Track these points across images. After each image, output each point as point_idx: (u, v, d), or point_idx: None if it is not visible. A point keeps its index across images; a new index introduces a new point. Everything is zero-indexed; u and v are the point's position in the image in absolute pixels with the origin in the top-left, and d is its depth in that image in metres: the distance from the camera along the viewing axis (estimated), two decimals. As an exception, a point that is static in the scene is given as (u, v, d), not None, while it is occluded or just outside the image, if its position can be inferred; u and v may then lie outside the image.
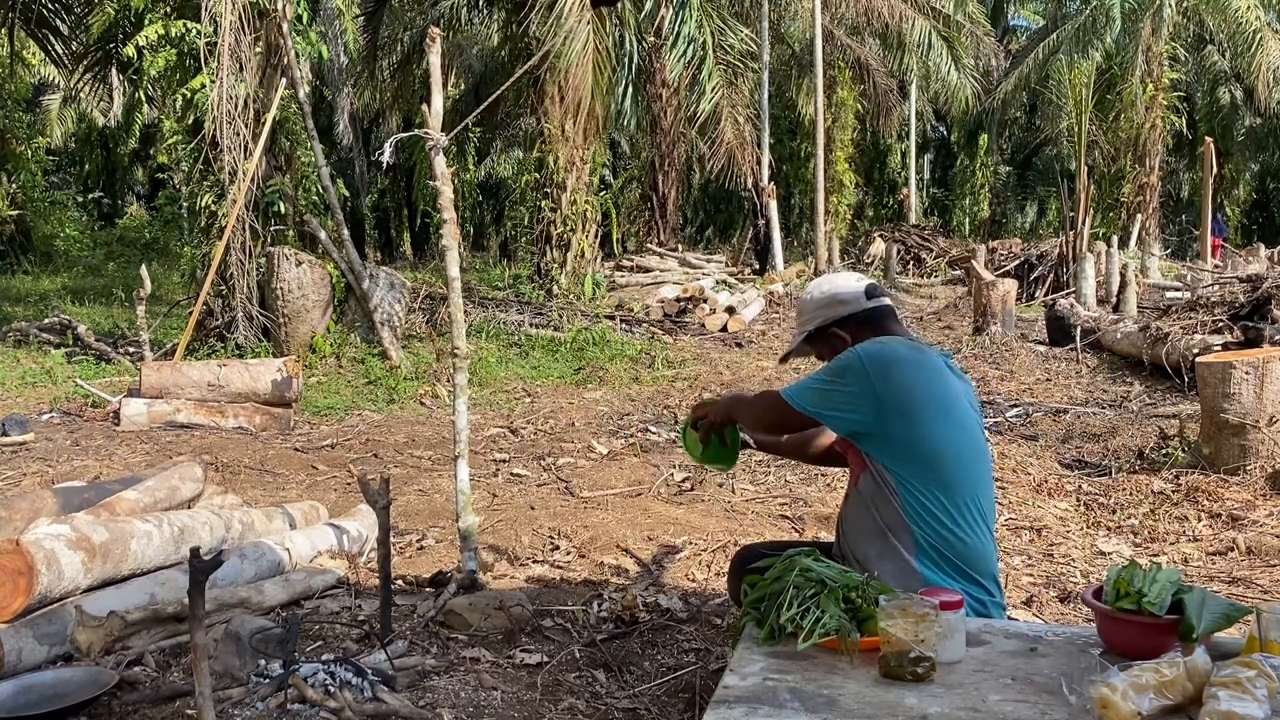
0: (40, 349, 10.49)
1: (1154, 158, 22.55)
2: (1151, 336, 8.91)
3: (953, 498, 2.41)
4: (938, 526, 2.40)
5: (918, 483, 2.40)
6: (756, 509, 5.28)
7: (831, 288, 2.72)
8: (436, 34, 4.21)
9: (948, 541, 2.41)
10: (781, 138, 23.85)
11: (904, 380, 2.42)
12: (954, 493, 2.42)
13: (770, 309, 14.38)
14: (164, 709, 2.94)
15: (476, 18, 19.21)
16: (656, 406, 8.24)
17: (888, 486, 2.44)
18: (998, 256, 17.44)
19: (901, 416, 2.39)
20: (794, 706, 1.70)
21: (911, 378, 2.43)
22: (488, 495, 5.62)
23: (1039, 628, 2.13)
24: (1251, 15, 21.91)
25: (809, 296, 2.74)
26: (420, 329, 10.99)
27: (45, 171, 22.85)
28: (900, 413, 2.39)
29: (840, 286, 2.71)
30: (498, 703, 3.03)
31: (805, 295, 2.77)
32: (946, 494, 2.41)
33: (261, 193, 9.69)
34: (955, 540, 2.41)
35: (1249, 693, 1.55)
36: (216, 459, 6.38)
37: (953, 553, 2.41)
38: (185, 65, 9.63)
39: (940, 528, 2.40)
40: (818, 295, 2.72)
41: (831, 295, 2.70)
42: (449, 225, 4.11)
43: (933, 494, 2.40)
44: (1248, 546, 4.47)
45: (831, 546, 2.70)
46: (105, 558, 3.41)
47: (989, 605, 2.44)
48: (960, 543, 2.42)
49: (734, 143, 14.87)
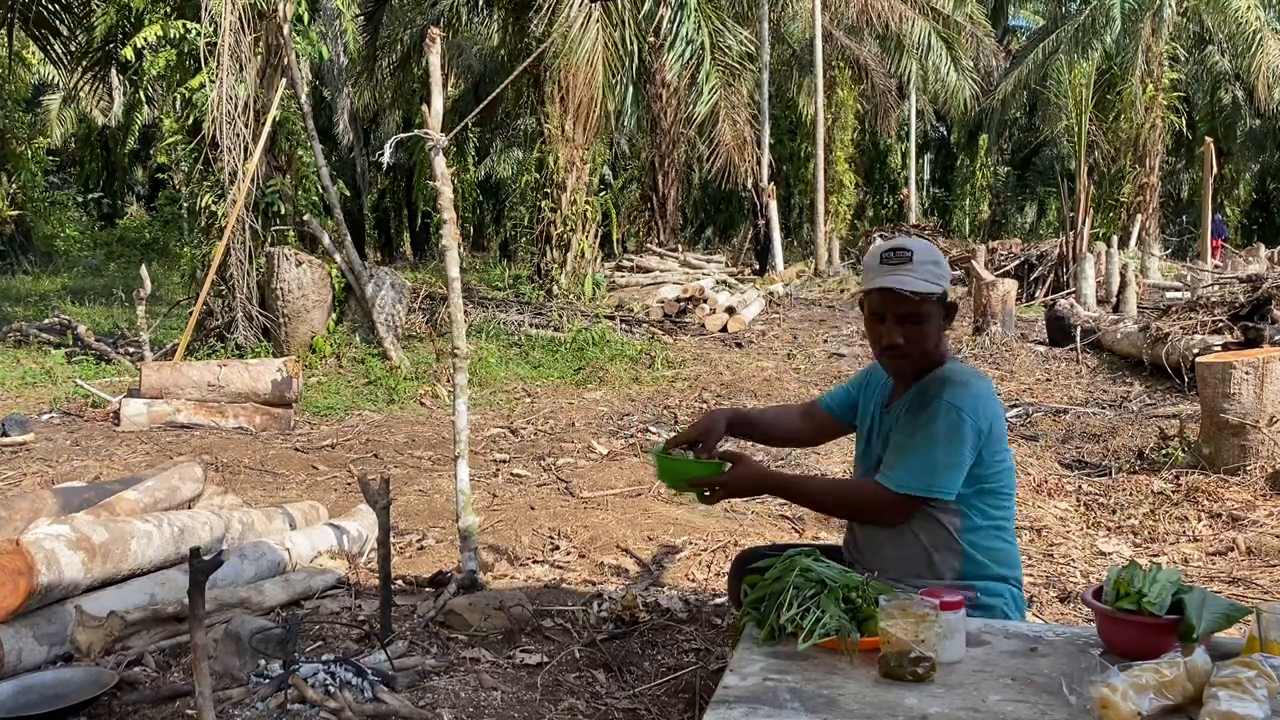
0: (40, 349, 10.49)
1: (1154, 158, 22.54)
2: (1151, 336, 8.91)
3: (1004, 506, 2.44)
4: (991, 539, 2.41)
5: (979, 500, 2.39)
6: (756, 509, 5.28)
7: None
8: (437, 34, 4.21)
9: (995, 550, 2.41)
10: (781, 138, 23.86)
11: (996, 422, 2.39)
12: (1007, 500, 2.45)
13: (770, 309, 14.38)
14: (164, 709, 2.94)
15: (476, 18, 19.19)
16: (656, 407, 8.24)
17: (945, 510, 2.38)
18: (998, 256, 17.44)
19: (990, 452, 2.38)
20: (794, 706, 1.70)
21: (996, 413, 2.40)
22: (488, 495, 5.62)
23: (1039, 628, 2.12)
24: (1251, 15, 21.91)
25: (934, 256, 2.41)
26: (420, 329, 10.99)
27: (45, 171, 22.86)
28: (989, 449, 2.38)
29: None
30: (498, 703, 3.02)
31: (926, 250, 2.40)
32: (1001, 505, 2.43)
33: (261, 193, 9.69)
34: (1004, 547, 2.44)
35: (1249, 693, 1.55)
36: (216, 459, 6.38)
37: (999, 560, 2.42)
38: (185, 65, 9.63)
39: (992, 539, 2.41)
40: (940, 258, 2.44)
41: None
42: (449, 225, 4.12)
43: (991, 508, 2.41)
44: (1248, 546, 4.47)
45: (837, 552, 2.64)
46: (105, 558, 3.41)
47: (1020, 601, 2.48)
48: (1009, 547, 2.46)
49: (732, 143, 14.86)
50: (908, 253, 2.38)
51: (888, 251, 2.42)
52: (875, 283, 2.38)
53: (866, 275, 2.45)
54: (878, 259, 2.41)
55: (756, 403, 8.20)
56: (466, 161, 23.06)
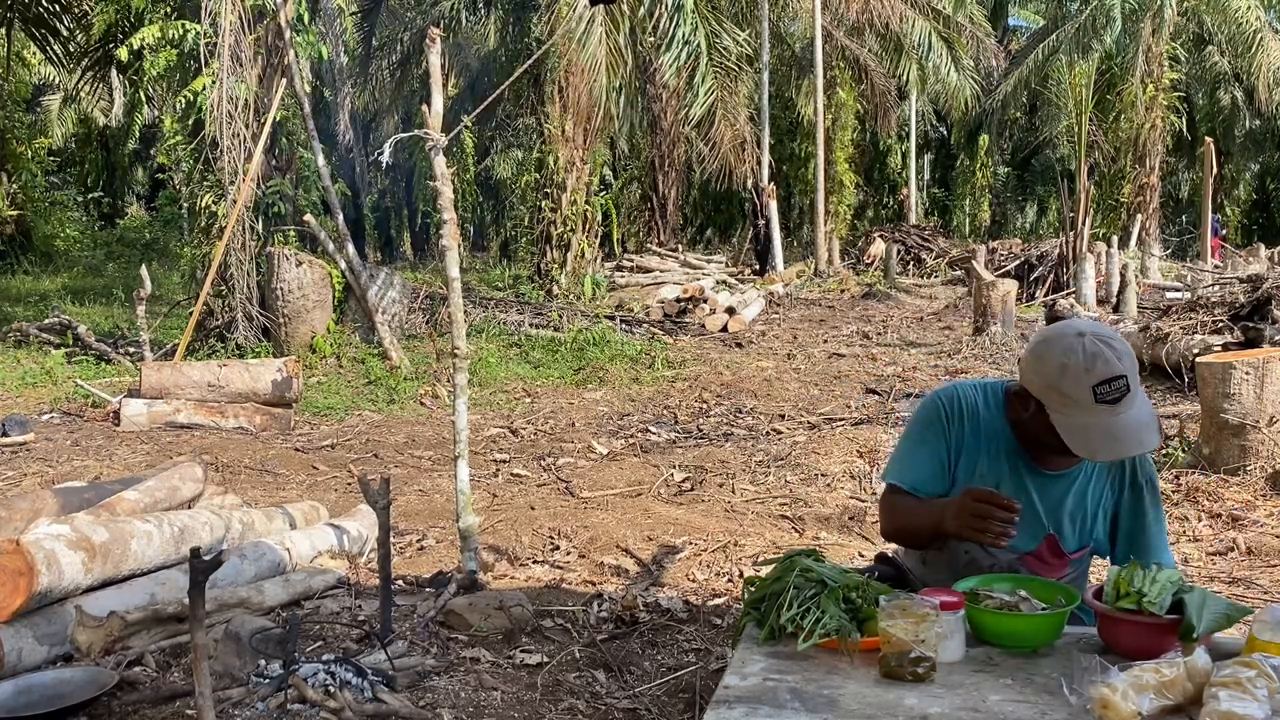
0: (40, 349, 10.49)
1: (1154, 158, 22.52)
2: (1152, 337, 8.90)
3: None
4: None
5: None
6: (756, 509, 5.28)
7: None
8: (436, 34, 4.21)
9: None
10: (781, 138, 23.83)
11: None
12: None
13: (770, 309, 14.38)
14: (164, 709, 2.94)
15: (475, 18, 19.21)
16: (656, 407, 8.25)
17: (1082, 570, 2.38)
18: (998, 257, 17.45)
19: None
20: (794, 707, 1.69)
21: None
22: (488, 495, 5.62)
23: (1039, 628, 2.12)
24: (1251, 15, 21.90)
25: (1134, 363, 2.08)
26: (420, 329, 10.99)
27: (45, 171, 22.81)
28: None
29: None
30: (498, 703, 3.02)
31: (1131, 361, 2.05)
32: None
33: (261, 193, 9.69)
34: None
35: (1249, 693, 1.55)
36: (216, 459, 6.39)
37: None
38: (185, 66, 9.64)
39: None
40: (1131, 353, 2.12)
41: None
42: (449, 225, 4.12)
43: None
44: (1248, 546, 4.47)
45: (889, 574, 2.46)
46: (105, 558, 3.41)
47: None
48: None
49: (730, 144, 14.87)
50: (1124, 381, 2.00)
51: (1101, 385, 2.00)
52: (1112, 450, 2.05)
53: (1069, 403, 2.04)
54: (1089, 394, 2.00)
55: (756, 403, 8.20)
56: (466, 161, 23.05)
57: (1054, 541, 2.25)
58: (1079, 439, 2.04)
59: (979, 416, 2.26)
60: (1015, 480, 2.23)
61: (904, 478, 2.28)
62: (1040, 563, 2.26)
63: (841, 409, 7.84)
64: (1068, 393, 2.04)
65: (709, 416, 7.82)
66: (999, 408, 2.27)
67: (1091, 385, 2.00)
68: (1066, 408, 2.05)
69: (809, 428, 7.21)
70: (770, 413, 7.82)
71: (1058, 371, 2.05)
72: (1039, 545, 2.25)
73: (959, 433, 2.26)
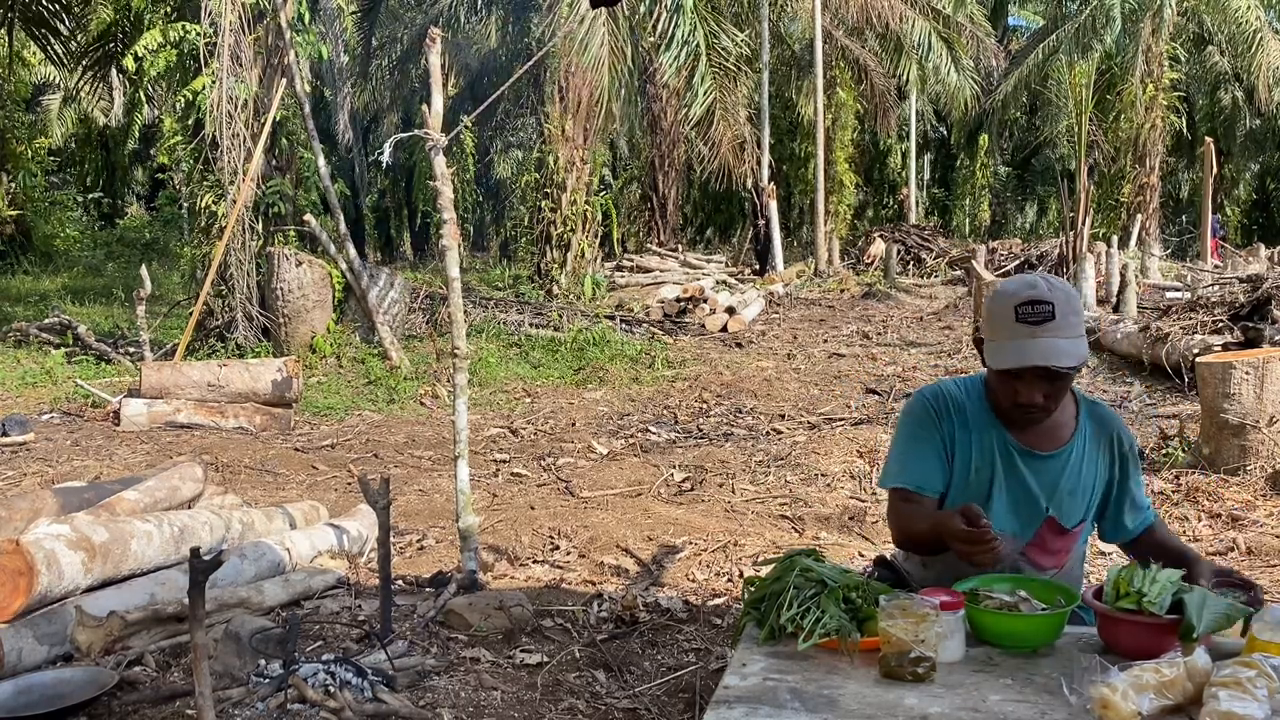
0: (40, 349, 10.49)
1: (1154, 158, 22.52)
2: (1151, 337, 8.90)
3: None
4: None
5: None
6: (756, 509, 5.28)
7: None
8: (437, 34, 4.21)
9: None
10: (781, 138, 23.82)
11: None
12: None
13: (770, 309, 14.37)
14: (164, 709, 2.94)
15: (475, 18, 19.21)
16: (656, 406, 8.24)
17: (1080, 553, 2.41)
18: (998, 257, 17.46)
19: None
20: (794, 706, 1.69)
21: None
22: (488, 495, 5.62)
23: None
24: (1251, 15, 21.89)
25: (1074, 304, 2.13)
26: (420, 329, 10.99)
27: (45, 171, 22.81)
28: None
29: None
30: (498, 703, 3.02)
31: (1066, 298, 2.10)
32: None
33: (261, 193, 9.69)
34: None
35: (1249, 693, 1.55)
36: (216, 459, 6.39)
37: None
38: (185, 66, 9.64)
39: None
40: (1078, 301, 2.17)
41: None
42: (449, 225, 4.12)
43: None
44: (1248, 546, 4.47)
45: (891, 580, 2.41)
46: (105, 558, 3.41)
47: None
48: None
49: (730, 144, 14.87)
50: (1048, 307, 2.05)
51: (1024, 305, 2.07)
52: (1019, 359, 2.08)
53: (996, 327, 2.14)
54: (1011, 313, 2.09)
55: (756, 403, 8.20)
56: (466, 161, 23.06)
57: (1054, 522, 2.27)
58: (993, 352, 2.14)
59: (965, 409, 2.29)
60: (1008, 466, 2.25)
61: (905, 479, 2.28)
62: (1042, 550, 2.27)
63: (841, 409, 7.83)
64: (994, 313, 2.15)
65: (709, 416, 7.82)
66: (980, 398, 2.31)
67: (1015, 305, 2.09)
68: (993, 330, 2.15)
69: (809, 428, 7.21)
70: (770, 413, 7.82)
71: (992, 299, 2.18)
72: (1039, 531, 2.27)
73: (950, 427, 2.28)
